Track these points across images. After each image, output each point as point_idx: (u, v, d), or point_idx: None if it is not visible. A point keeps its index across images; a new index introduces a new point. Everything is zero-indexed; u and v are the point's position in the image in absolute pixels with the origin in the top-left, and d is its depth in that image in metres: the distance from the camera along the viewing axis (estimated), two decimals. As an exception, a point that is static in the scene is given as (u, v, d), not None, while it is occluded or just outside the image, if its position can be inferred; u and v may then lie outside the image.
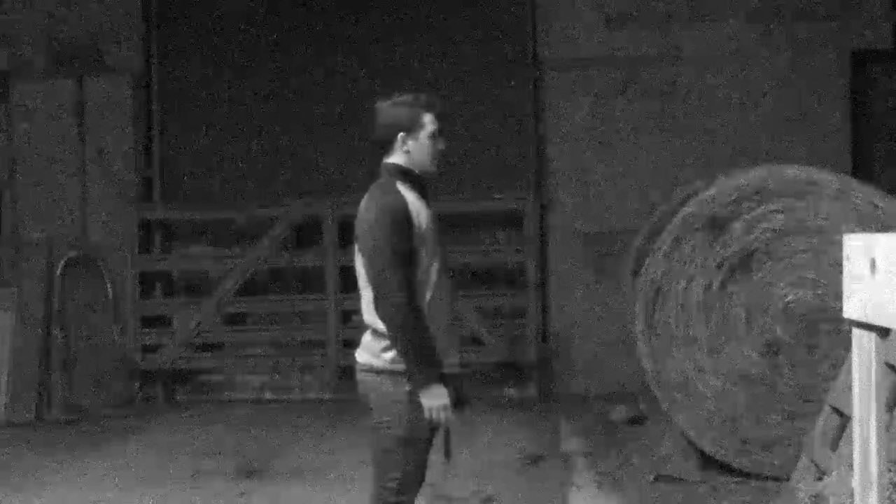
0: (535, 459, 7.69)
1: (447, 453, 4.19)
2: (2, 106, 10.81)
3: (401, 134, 4.10)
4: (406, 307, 3.89)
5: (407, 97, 4.15)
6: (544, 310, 10.51)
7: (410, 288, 3.93)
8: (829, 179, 6.67)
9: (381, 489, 4.07)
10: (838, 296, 2.59)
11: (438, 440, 4.14)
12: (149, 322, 10.79)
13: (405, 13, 10.79)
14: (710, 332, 6.72)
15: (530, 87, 10.66)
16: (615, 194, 10.43)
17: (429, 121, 4.13)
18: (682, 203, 7.20)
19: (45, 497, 7.01)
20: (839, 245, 2.49)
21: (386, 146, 4.14)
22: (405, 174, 4.10)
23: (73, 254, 10.58)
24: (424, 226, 4.03)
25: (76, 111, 10.79)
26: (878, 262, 2.24)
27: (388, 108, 4.14)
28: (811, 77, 10.29)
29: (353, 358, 4.18)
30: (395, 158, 4.13)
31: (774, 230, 6.66)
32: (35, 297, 10.42)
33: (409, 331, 3.90)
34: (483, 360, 10.29)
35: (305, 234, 10.67)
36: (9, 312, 10.33)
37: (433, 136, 4.13)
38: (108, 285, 10.63)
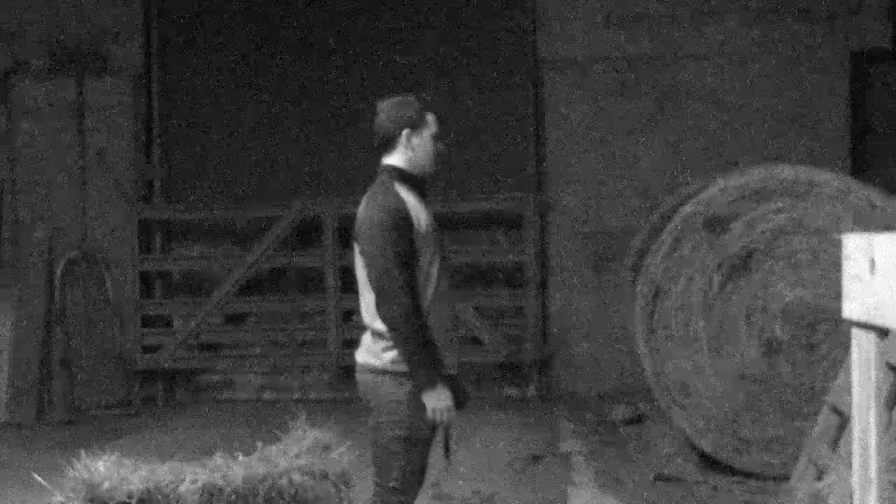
0: (535, 459, 7.68)
1: (447, 452, 4.19)
2: (2, 105, 10.80)
3: (406, 130, 4.09)
4: (409, 309, 3.89)
5: (410, 96, 4.17)
6: (544, 310, 10.50)
7: (412, 290, 3.93)
8: (829, 179, 6.67)
9: (381, 489, 4.07)
10: (838, 296, 2.59)
11: (438, 439, 4.14)
12: (149, 322, 10.79)
13: (406, 14, 10.79)
14: (710, 332, 6.72)
15: (530, 87, 10.66)
16: (615, 194, 10.41)
17: (432, 120, 4.14)
18: (682, 203, 7.19)
19: (45, 497, 6.99)
20: (839, 245, 2.49)
21: (387, 145, 4.13)
22: (404, 176, 4.09)
23: (73, 254, 10.58)
24: (424, 227, 4.02)
25: (76, 111, 10.78)
26: (877, 262, 2.23)
27: (392, 106, 4.14)
28: (811, 77, 10.28)
29: (353, 358, 4.19)
30: (395, 159, 4.12)
31: (774, 230, 6.66)
32: (35, 297, 10.42)
33: (411, 333, 3.90)
34: (483, 360, 10.29)
35: (305, 234, 10.66)
36: (9, 312, 10.33)
37: (435, 137, 4.14)
38: (108, 285, 10.62)
